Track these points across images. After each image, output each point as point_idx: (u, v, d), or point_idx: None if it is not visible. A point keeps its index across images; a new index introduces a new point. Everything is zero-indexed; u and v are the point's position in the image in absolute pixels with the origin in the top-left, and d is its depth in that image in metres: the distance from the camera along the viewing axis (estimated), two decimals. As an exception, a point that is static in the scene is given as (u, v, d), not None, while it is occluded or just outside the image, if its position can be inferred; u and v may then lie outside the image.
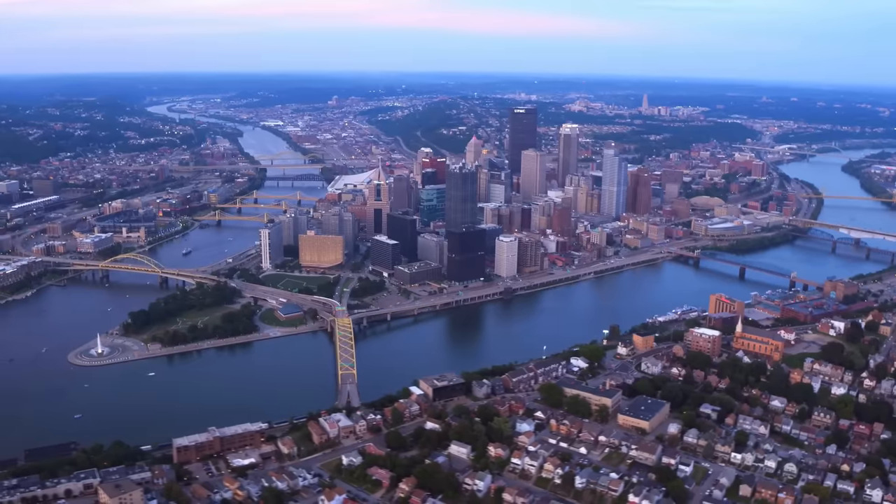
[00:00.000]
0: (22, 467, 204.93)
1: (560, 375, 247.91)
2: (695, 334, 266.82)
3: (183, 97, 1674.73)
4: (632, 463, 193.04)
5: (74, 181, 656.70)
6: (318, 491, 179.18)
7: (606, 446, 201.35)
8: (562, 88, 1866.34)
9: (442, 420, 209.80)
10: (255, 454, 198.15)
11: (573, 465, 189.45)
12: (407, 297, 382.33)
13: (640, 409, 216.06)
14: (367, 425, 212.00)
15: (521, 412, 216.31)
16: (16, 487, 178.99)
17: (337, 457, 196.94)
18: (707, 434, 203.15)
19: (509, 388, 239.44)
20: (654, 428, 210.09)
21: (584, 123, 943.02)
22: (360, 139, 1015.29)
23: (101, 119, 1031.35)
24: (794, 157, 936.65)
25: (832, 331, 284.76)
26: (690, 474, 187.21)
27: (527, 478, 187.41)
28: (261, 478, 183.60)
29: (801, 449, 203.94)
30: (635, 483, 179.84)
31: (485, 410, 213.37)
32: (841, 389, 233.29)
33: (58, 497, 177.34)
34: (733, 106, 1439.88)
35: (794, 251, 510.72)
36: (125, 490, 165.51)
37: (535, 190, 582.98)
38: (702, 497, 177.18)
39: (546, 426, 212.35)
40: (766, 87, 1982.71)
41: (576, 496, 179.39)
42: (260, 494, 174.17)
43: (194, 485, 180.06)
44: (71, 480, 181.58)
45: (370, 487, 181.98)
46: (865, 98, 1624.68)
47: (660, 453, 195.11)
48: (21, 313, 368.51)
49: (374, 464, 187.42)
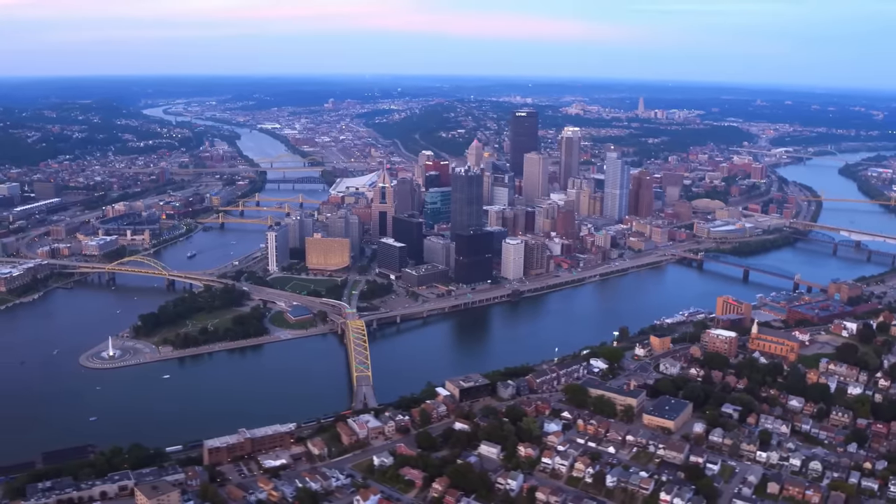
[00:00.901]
0: (41, 470, 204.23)
1: (581, 376, 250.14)
2: (711, 335, 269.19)
3: (178, 100, 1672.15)
4: (660, 462, 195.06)
5: (75, 184, 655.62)
6: (352, 491, 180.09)
7: (634, 445, 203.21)
8: (556, 91, 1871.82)
9: (470, 420, 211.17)
10: (286, 455, 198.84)
11: (603, 464, 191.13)
12: (415, 300, 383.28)
13: (665, 408, 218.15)
14: (396, 426, 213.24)
15: (547, 412, 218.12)
16: (50, 489, 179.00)
17: (367, 457, 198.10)
18: (732, 433, 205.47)
19: (533, 388, 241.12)
20: (678, 427, 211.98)
21: (582, 126, 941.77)
22: (358, 142, 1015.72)
23: (98, 122, 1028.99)
24: (791, 160, 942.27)
25: (845, 332, 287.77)
26: (718, 472, 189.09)
27: (557, 477, 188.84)
28: (294, 478, 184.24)
29: (823, 448, 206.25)
30: (665, 482, 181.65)
31: (513, 411, 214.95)
32: (857, 389, 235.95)
33: (93, 499, 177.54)
34: (728, 109, 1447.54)
35: (796, 253, 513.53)
36: (163, 491, 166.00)
37: (538, 193, 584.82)
38: (731, 495, 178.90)
39: (573, 426, 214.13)
40: (760, 90, 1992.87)
41: (607, 495, 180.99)
42: (294, 495, 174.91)
43: (229, 486, 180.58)
44: (105, 482, 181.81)
45: (403, 487, 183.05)
46: (859, 101, 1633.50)
47: (687, 452, 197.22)
48: (29, 316, 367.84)
49: (406, 464, 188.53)
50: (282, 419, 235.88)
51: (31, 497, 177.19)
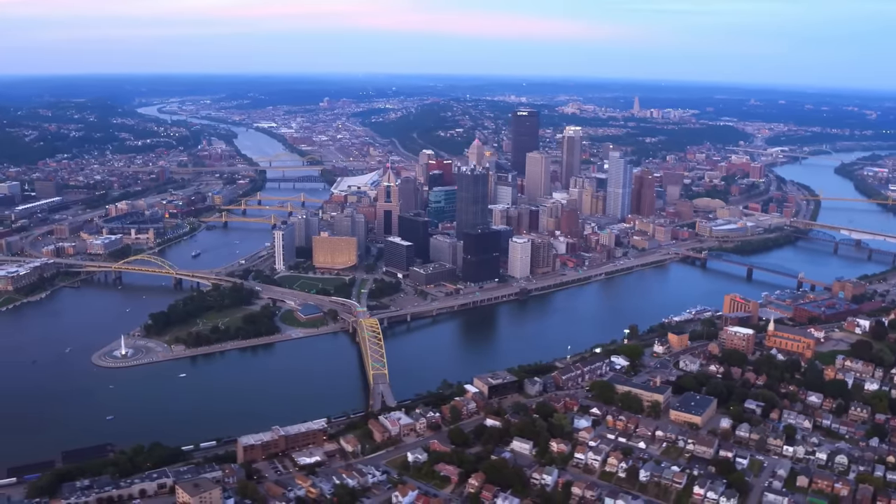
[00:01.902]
0: (63, 469, 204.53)
1: (604, 373, 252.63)
2: (729, 332, 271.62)
3: (172, 98, 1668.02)
4: (690, 456, 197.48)
5: (75, 182, 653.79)
6: (389, 487, 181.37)
7: (664, 441, 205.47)
8: (550, 91, 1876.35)
9: (501, 417, 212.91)
10: (320, 452, 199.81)
11: (635, 459, 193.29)
12: (424, 298, 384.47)
13: (691, 404, 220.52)
14: (427, 423, 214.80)
15: (575, 409, 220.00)
16: (89, 488, 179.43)
17: (401, 454, 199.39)
18: (758, 428, 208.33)
19: (559, 385, 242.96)
20: (704, 423, 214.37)
21: (579, 126, 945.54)
22: (355, 141, 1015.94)
23: (94, 120, 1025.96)
24: (787, 160, 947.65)
25: (858, 329, 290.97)
26: (747, 467, 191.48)
27: (590, 472, 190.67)
28: (330, 475, 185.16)
29: (845, 442, 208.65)
30: (697, 476, 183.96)
31: (543, 407, 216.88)
32: (873, 385, 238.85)
33: (132, 497, 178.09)
34: (723, 109, 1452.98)
35: (797, 252, 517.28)
36: (204, 489, 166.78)
37: (540, 192, 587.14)
38: (762, 489, 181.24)
39: (602, 422, 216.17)
40: (753, 89, 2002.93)
41: (641, 489, 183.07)
42: (332, 491, 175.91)
43: (267, 483, 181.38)
44: (144, 480, 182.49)
45: (438, 483, 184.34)
46: (852, 101, 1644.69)
47: (717, 447, 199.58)
48: (37, 315, 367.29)
49: (441, 460, 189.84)
50: (300, 417, 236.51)
51: (71, 496, 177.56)
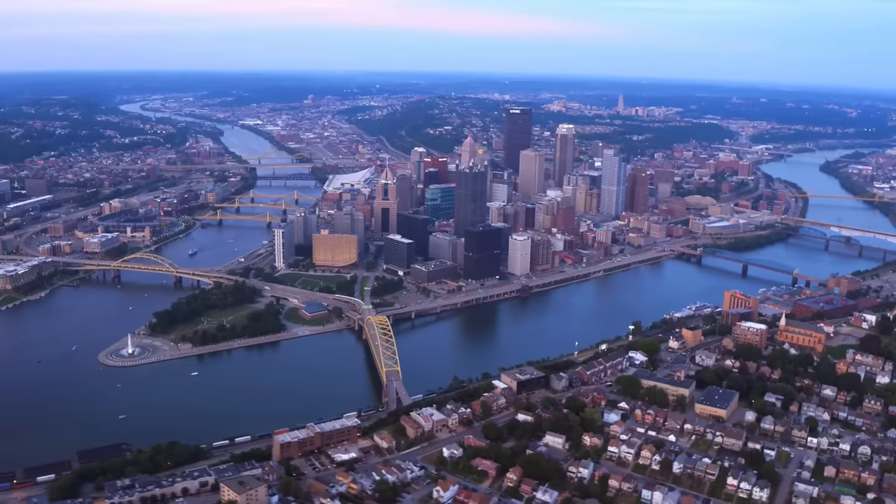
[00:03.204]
0: (81, 470, 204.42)
1: (624, 368, 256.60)
2: (743, 328, 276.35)
3: (154, 96, 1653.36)
4: (719, 448, 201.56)
5: (64, 180, 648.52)
6: (428, 483, 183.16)
7: (692, 434, 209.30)
8: (533, 88, 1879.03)
9: (532, 412, 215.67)
10: (355, 449, 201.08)
11: (667, 451, 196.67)
12: (427, 296, 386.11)
13: (715, 398, 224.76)
14: (459, 418, 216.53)
15: (603, 403, 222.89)
16: (130, 487, 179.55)
17: (435, 449, 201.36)
18: (782, 420, 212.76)
19: (584, 380, 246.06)
20: (728, 416, 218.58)
21: (566, 124, 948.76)
22: (343, 139, 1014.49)
23: (78, 118, 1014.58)
24: (772, 157, 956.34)
25: (864, 324, 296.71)
26: (775, 458, 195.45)
27: (624, 465, 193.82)
28: (370, 471, 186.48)
29: (864, 434, 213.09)
30: (728, 467, 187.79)
31: (573, 402, 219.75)
32: (885, 378, 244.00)
33: (175, 495, 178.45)
34: (705, 106, 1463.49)
35: (788, 249, 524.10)
36: (250, 486, 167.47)
37: (535, 189, 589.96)
38: (791, 479, 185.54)
39: (630, 416, 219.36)
40: (734, 87, 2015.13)
41: (674, 481, 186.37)
42: (373, 487, 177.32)
43: (309, 480, 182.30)
44: (186, 479, 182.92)
45: (476, 478, 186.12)
46: (831, 99, 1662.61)
47: (745, 439, 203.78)
48: (38, 314, 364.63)
49: (477, 455, 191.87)
50: (314, 415, 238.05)
51: (114, 495, 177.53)
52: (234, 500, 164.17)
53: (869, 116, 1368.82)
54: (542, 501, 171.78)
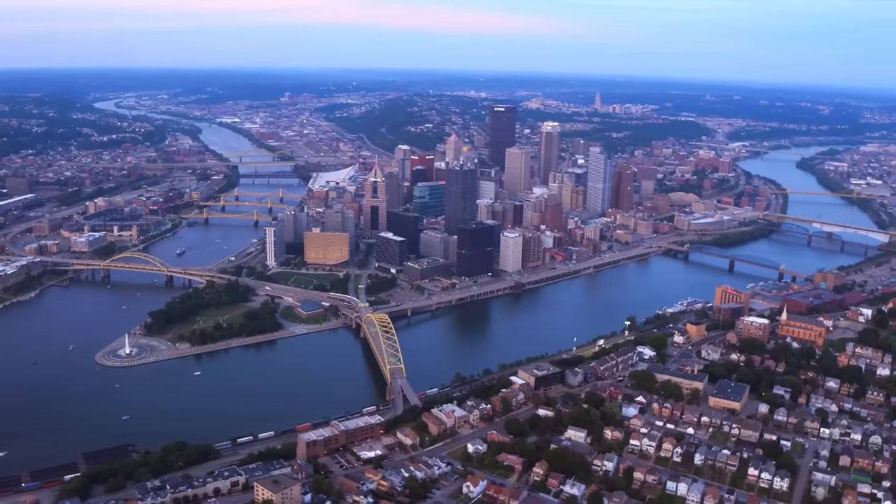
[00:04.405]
0: (90, 472, 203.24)
1: (634, 363, 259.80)
2: (746, 322, 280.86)
3: (128, 93, 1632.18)
4: (736, 440, 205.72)
5: (45, 179, 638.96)
6: (456, 479, 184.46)
7: (710, 426, 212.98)
8: (508, 86, 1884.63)
9: (552, 407, 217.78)
10: (379, 446, 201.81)
11: (687, 444, 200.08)
12: (421, 293, 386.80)
13: (727, 391, 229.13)
14: (480, 414, 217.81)
15: (619, 398, 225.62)
16: (160, 488, 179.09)
17: (458, 445, 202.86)
18: (795, 412, 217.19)
19: (598, 375, 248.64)
20: (741, 409, 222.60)
21: (546, 121, 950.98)
22: (323, 136, 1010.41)
23: (54, 115, 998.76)
24: (749, 154, 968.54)
25: (861, 318, 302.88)
26: (791, 448, 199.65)
27: (646, 458, 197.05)
28: (398, 468, 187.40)
29: (873, 424, 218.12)
30: (747, 458, 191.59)
31: (592, 397, 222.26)
32: (885, 371, 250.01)
33: (207, 496, 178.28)
34: (680, 104, 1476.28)
35: (772, 245, 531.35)
36: (285, 485, 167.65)
37: (520, 187, 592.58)
38: (808, 468, 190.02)
39: (647, 410, 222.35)
40: (706, 85, 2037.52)
41: (696, 472, 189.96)
42: (403, 484, 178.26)
43: (339, 477, 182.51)
44: (217, 479, 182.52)
45: (502, 473, 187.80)
46: (803, 96, 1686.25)
47: (761, 430, 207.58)
48: (29, 315, 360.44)
49: (502, 450, 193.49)
50: (318, 414, 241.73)
51: (146, 497, 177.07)
52: (270, 499, 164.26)
53: (841, 114, 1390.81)
54: (570, 495, 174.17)
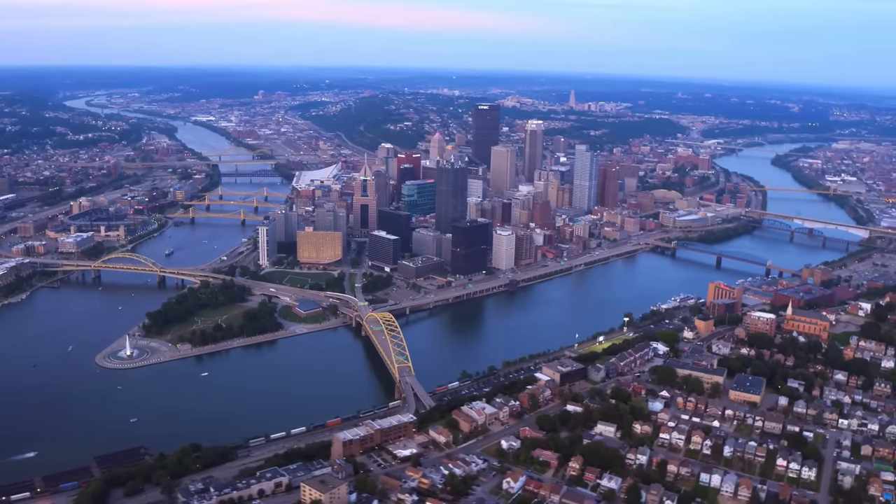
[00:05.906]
0: (106, 475, 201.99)
1: (650, 358, 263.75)
2: (753, 317, 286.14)
3: (98, 91, 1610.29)
4: (761, 432, 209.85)
5: (23, 179, 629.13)
6: (494, 475, 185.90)
7: (733, 419, 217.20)
8: (481, 84, 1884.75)
9: (580, 402, 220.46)
10: (413, 444, 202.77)
11: (714, 436, 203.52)
12: (417, 292, 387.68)
13: (746, 384, 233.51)
14: (510, 411, 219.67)
15: (643, 392, 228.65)
16: (204, 491, 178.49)
17: (491, 442, 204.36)
18: (813, 404, 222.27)
19: (619, 371, 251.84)
20: (761, 401, 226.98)
21: (523, 119, 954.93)
22: (300, 134, 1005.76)
23: (26, 114, 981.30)
24: (724, 152, 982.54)
25: (861, 312, 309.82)
26: (813, 439, 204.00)
27: (675, 451, 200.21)
28: (436, 465, 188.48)
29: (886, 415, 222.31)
30: (773, 449, 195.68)
31: (619, 392, 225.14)
32: (889, 363, 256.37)
33: (252, 497, 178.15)
34: (652, 102, 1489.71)
35: (755, 241, 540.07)
36: (332, 485, 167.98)
37: (506, 185, 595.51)
38: (832, 458, 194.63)
39: (672, 404, 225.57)
40: (677, 83, 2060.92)
41: (726, 464, 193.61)
42: (444, 481, 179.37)
43: (381, 476, 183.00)
44: (261, 480, 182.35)
45: (538, 468, 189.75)
46: (772, 94, 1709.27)
47: (784, 422, 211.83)
48: (23, 317, 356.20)
49: (536, 446, 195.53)
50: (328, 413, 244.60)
51: (191, 500, 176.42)
52: (318, 499, 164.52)
53: (811, 111, 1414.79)
54: (608, 488, 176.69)
